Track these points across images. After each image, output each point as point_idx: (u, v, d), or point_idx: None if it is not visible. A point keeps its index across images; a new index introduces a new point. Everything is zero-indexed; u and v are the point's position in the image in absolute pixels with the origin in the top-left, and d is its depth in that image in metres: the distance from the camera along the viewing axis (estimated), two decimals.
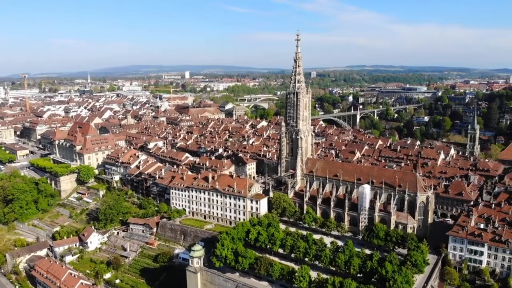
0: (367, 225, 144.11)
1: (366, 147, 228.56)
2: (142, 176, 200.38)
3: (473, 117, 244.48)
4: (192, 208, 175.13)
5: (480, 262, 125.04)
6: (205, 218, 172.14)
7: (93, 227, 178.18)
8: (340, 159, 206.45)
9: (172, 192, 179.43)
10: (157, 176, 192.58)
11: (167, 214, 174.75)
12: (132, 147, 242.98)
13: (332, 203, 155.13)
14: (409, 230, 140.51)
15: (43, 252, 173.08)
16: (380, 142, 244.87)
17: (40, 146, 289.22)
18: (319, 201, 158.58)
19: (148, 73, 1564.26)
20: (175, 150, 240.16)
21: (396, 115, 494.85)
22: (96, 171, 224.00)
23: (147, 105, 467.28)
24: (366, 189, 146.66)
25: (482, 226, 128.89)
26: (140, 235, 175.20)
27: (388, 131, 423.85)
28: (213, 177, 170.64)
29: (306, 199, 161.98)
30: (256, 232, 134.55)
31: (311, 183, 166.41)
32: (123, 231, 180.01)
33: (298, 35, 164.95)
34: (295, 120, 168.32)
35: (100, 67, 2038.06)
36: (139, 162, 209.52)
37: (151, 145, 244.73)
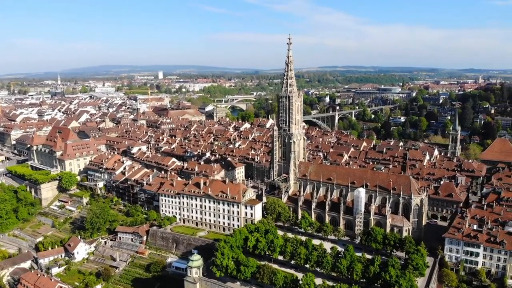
0: (364, 228, 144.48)
1: (352, 149, 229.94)
2: (129, 182, 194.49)
3: (454, 119, 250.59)
4: (183, 215, 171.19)
5: (476, 263, 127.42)
6: (197, 225, 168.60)
7: (79, 237, 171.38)
8: (329, 161, 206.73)
9: (162, 199, 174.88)
10: (144, 183, 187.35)
11: (157, 221, 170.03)
12: (114, 152, 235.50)
13: (327, 207, 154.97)
14: (405, 233, 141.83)
15: (27, 264, 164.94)
16: (364, 143, 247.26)
17: (16, 151, 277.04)
18: (313, 205, 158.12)
19: (119, 73, 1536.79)
20: (159, 155, 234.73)
21: (373, 115, 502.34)
22: (78, 178, 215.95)
23: (123, 107, 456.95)
24: (362, 192, 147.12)
25: (475, 227, 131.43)
26: (129, 244, 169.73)
27: (366, 131, 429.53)
28: (205, 183, 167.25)
29: (300, 203, 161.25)
30: (254, 239, 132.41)
31: (305, 187, 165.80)
32: (111, 240, 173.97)
33: (289, 38, 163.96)
34: (287, 124, 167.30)
35: (69, 67, 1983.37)
36: (124, 168, 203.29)
37: (134, 150, 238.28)
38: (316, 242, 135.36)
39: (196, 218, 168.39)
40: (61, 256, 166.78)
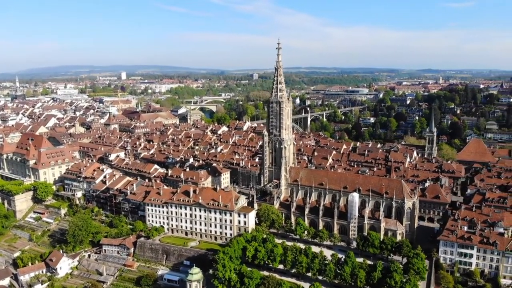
0: (361, 233, 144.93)
1: (334, 152, 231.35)
2: (110, 192, 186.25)
3: (430, 121, 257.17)
4: (172, 225, 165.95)
5: (470, 264, 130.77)
6: (186, 234, 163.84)
7: (61, 251, 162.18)
8: (314, 165, 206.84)
9: (148, 209, 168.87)
10: (128, 192, 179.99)
11: (145, 232, 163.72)
12: (92, 160, 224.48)
13: (320, 213, 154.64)
14: (399, 236, 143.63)
15: (5, 282, 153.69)
16: (344, 146, 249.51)
17: None
18: (306, 210, 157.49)
19: (78, 74, 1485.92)
20: (138, 161, 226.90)
21: (343, 117, 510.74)
22: (54, 188, 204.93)
23: (91, 110, 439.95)
24: (356, 197, 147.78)
25: (465, 228, 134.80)
26: (115, 257, 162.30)
27: (338, 132, 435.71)
28: (194, 191, 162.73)
29: (293, 209, 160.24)
30: (253, 249, 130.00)
31: (296, 193, 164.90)
32: (96, 253, 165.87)
33: (279, 43, 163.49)
34: (278, 129, 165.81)
35: (25, 68, 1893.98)
36: (105, 177, 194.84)
37: (112, 157, 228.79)
38: (312, 248, 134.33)
39: (186, 227, 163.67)
40: (42, 271, 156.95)
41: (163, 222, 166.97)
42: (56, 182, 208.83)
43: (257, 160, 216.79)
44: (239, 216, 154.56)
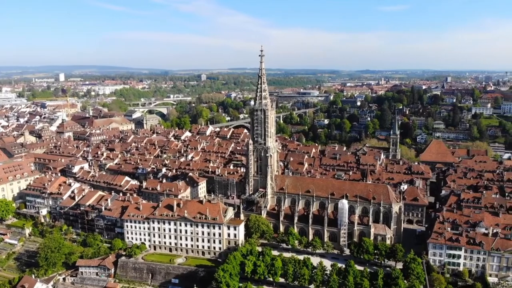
0: (352, 240, 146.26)
1: (306, 156, 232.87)
2: (82, 208, 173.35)
3: (394, 123, 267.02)
4: (154, 242, 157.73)
5: (458, 264, 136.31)
6: (171, 251, 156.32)
7: (33, 276, 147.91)
8: (291, 171, 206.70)
9: (127, 225, 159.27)
10: (103, 208, 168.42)
11: (126, 251, 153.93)
12: (51, 173, 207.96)
13: (310, 220, 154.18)
14: (388, 241, 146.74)
15: None
16: (313, 150, 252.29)
17: None
18: (296, 219, 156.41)
19: (10, 75, 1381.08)
20: (104, 173, 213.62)
21: (298, 119, 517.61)
22: (14, 205, 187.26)
23: (37, 116, 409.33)
24: (345, 204, 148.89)
25: (449, 229, 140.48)
26: (94, 279, 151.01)
27: (296, 135, 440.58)
28: (178, 204, 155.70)
29: (281, 218, 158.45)
30: (251, 263, 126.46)
31: (283, 201, 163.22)
32: (71, 276, 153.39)
33: (262, 50, 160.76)
34: (263, 137, 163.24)
35: None
36: (73, 192, 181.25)
37: (76, 169, 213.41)
38: (310, 259, 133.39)
39: (170, 243, 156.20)
40: None
41: (144, 239, 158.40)
42: (15, 198, 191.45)
43: (231, 167, 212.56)
44: (229, 228, 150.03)
